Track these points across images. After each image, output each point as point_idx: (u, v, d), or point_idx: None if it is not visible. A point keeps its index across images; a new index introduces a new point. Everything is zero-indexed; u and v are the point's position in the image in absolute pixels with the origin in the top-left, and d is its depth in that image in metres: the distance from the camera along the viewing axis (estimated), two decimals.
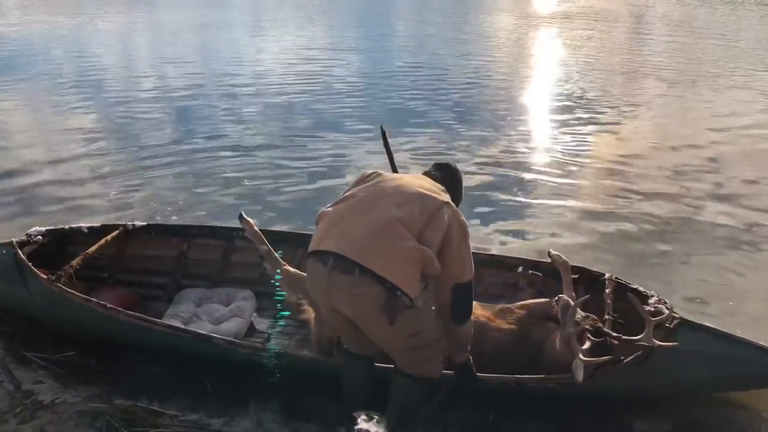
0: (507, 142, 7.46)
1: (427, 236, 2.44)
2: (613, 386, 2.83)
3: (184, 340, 3.05)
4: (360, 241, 2.41)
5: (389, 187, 2.56)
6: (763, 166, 6.66)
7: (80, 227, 3.77)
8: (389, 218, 2.43)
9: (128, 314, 3.10)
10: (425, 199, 2.51)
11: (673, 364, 2.82)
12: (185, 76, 11.08)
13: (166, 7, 24.13)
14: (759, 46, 15.56)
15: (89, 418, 2.87)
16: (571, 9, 24.32)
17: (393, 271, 2.38)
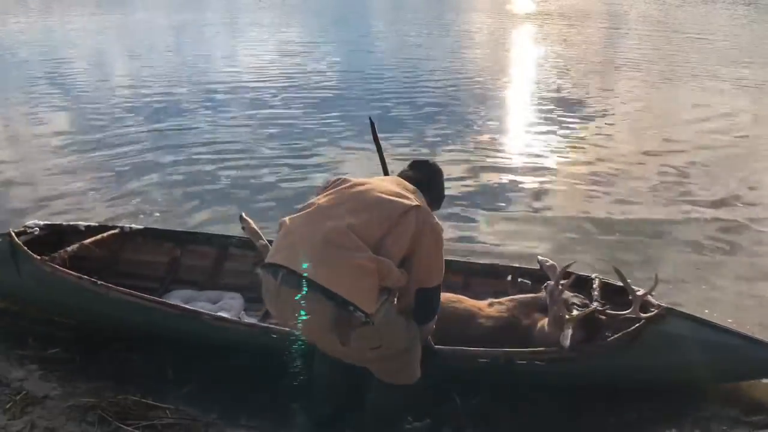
0: (484, 143, 7.53)
1: (388, 245, 2.28)
2: (602, 365, 2.80)
3: (171, 316, 3.03)
4: (309, 252, 2.24)
5: (348, 194, 2.41)
6: (740, 163, 6.84)
7: (77, 225, 3.83)
8: (340, 227, 2.26)
9: (117, 290, 3.11)
10: (385, 205, 2.34)
11: (662, 346, 2.84)
12: (168, 79, 11.15)
13: (140, 9, 24.44)
14: (733, 44, 15.98)
15: (80, 412, 2.81)
16: (549, 8, 24.90)
17: (343, 284, 2.19)
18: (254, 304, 3.66)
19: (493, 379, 2.90)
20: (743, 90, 10.90)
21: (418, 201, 2.42)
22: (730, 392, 3.06)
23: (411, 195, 2.44)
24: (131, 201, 5.52)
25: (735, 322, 3.51)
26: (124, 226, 3.93)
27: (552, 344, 2.81)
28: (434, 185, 2.67)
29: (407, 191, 2.46)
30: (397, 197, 2.37)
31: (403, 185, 2.51)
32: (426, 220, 2.37)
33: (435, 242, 2.40)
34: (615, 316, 2.80)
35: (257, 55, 14.28)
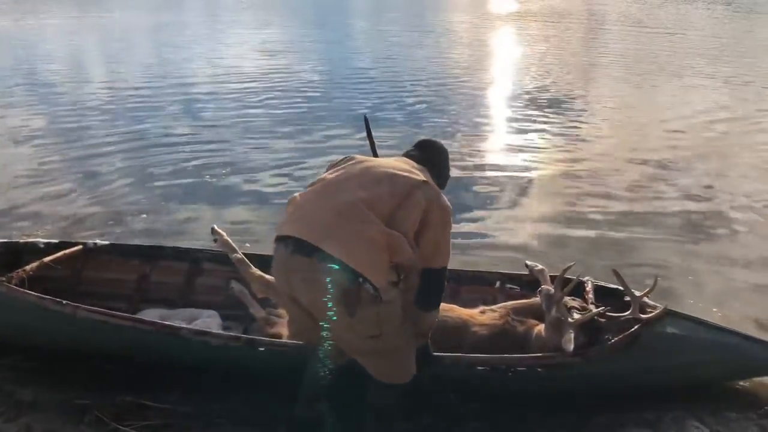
0: (466, 143, 7.51)
1: (399, 219, 2.26)
2: (602, 369, 2.73)
3: (148, 335, 2.81)
4: (320, 223, 2.25)
5: (357, 169, 2.42)
6: (718, 156, 7.01)
7: (36, 242, 3.55)
8: (353, 200, 2.26)
9: (86, 309, 2.87)
10: (396, 179, 2.34)
11: (662, 347, 2.80)
12: (141, 83, 10.86)
13: (118, 9, 23.80)
14: (711, 43, 16.37)
15: (77, 413, 2.77)
16: (530, 8, 25.17)
17: (355, 255, 2.17)
18: (232, 323, 3.49)
19: (492, 386, 2.78)
20: (720, 87, 11.20)
21: (426, 178, 2.41)
22: (730, 391, 3.04)
23: (419, 172, 2.43)
24: (96, 214, 5.21)
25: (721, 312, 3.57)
26: (88, 242, 3.66)
27: (551, 350, 2.73)
28: (440, 164, 2.64)
29: (415, 168, 2.45)
30: (407, 172, 2.38)
31: (410, 163, 2.50)
32: (435, 197, 2.36)
33: (443, 220, 2.37)
34: (615, 318, 2.72)
35: (238, 55, 14.07)
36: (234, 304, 3.53)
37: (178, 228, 4.95)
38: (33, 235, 3.85)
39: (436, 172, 2.56)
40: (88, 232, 4.64)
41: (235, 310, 3.51)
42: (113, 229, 4.87)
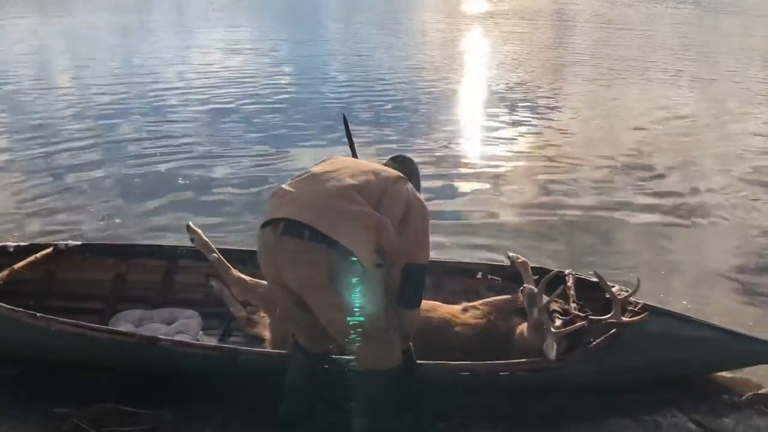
0: (440, 141, 7.50)
1: (385, 206, 2.33)
2: (585, 371, 2.75)
3: (126, 346, 2.76)
4: (312, 205, 2.30)
5: (344, 164, 2.49)
6: (686, 152, 7.10)
7: (5, 246, 3.44)
8: (343, 185, 2.33)
9: (60, 321, 2.79)
10: (381, 172, 2.46)
11: (643, 346, 2.81)
12: (108, 83, 10.60)
13: (85, 11, 23.10)
14: (679, 41, 16.45)
15: (56, 421, 2.72)
16: (502, 8, 24.94)
17: (344, 233, 2.23)
18: (212, 321, 3.45)
19: (476, 390, 2.79)
20: (687, 83, 11.27)
21: (404, 177, 2.52)
22: (708, 383, 3.09)
23: (399, 173, 2.53)
24: (67, 214, 5.09)
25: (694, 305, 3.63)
26: (59, 243, 3.55)
27: (533, 351, 2.73)
28: (413, 177, 2.70)
29: (393, 171, 2.55)
30: (389, 169, 2.53)
31: (389, 166, 2.64)
32: (414, 195, 2.46)
33: (422, 218, 2.44)
34: (597, 321, 2.72)
35: (209, 57, 13.64)
36: (214, 301, 3.49)
37: (152, 227, 4.84)
38: (2, 239, 3.71)
39: (411, 183, 2.59)
40: (58, 234, 4.52)
41: (216, 308, 3.48)
42: (84, 230, 4.75)
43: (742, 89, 10.87)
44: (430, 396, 2.74)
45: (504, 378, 2.69)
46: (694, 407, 2.91)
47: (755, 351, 3.00)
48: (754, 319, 3.74)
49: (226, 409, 2.82)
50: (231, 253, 3.41)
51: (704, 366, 3.04)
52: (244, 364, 2.75)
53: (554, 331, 2.60)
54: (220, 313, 3.46)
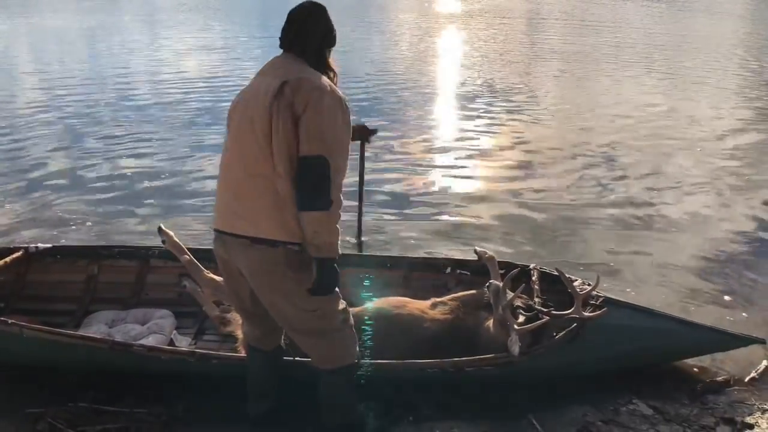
0: (413, 138, 7.61)
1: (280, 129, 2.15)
2: (548, 364, 2.85)
3: (100, 352, 2.79)
4: (226, 210, 2.31)
5: (234, 130, 2.31)
6: (654, 148, 7.29)
7: None
8: (239, 177, 2.26)
9: (32, 328, 2.81)
10: (258, 107, 2.20)
11: (603, 338, 2.91)
12: (77, 86, 10.52)
13: (51, 12, 22.64)
14: (649, 39, 16.73)
15: (30, 422, 2.74)
16: (474, 8, 24.98)
17: (262, 225, 2.20)
18: (185, 320, 3.50)
19: (443, 384, 2.89)
20: (658, 80, 11.44)
21: (293, 74, 2.22)
22: (666, 371, 3.22)
23: (283, 72, 2.24)
24: (36, 218, 5.08)
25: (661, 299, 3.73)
26: (29, 246, 3.56)
27: (499, 345, 2.82)
28: (310, 40, 2.34)
29: (279, 71, 2.26)
30: (264, 94, 2.20)
31: (276, 66, 2.32)
32: (305, 84, 2.19)
33: (319, 102, 2.17)
34: (560, 316, 2.82)
35: (179, 58, 13.47)
36: (187, 301, 3.52)
37: (124, 229, 4.86)
38: None
39: (311, 49, 2.34)
40: (28, 238, 4.53)
41: (189, 307, 3.51)
42: (54, 234, 4.74)
43: (712, 85, 11.10)
44: (398, 392, 2.83)
45: (470, 373, 2.77)
46: (653, 394, 3.04)
47: (711, 340, 3.15)
48: (717, 311, 3.89)
49: (200, 406, 2.86)
50: (203, 252, 3.44)
51: (663, 355, 3.17)
52: (217, 366, 2.80)
53: (517, 328, 2.69)
54: (194, 313, 3.50)
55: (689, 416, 2.91)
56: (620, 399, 3.00)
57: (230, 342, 3.18)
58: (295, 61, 2.31)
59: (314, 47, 2.35)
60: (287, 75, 2.22)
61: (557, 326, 2.87)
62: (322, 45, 2.37)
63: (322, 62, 2.36)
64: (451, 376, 2.78)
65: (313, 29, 2.36)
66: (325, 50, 2.38)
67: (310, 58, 2.34)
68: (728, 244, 4.90)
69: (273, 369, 2.68)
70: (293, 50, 2.34)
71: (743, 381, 3.18)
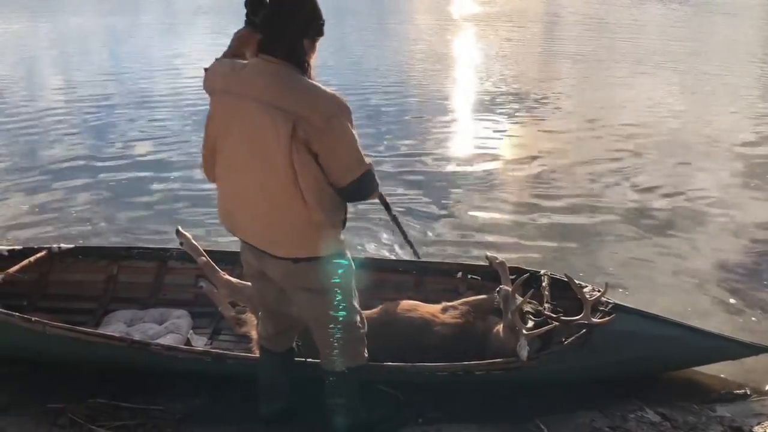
0: (430, 142, 7.60)
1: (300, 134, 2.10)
2: (556, 369, 2.88)
3: (119, 350, 2.87)
4: (257, 234, 2.33)
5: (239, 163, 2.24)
6: (674, 153, 7.21)
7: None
8: (262, 209, 2.25)
9: (54, 325, 2.90)
10: (274, 158, 2.13)
11: (612, 345, 2.94)
12: (96, 87, 10.61)
13: (73, 14, 22.59)
14: (669, 42, 16.31)
15: (50, 416, 2.81)
16: (491, 11, 24.65)
17: (295, 247, 2.28)
18: (202, 320, 3.57)
19: (452, 387, 2.93)
20: (679, 83, 11.28)
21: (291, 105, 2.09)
22: (675, 379, 3.24)
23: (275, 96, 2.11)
24: (59, 218, 5.20)
25: (672, 305, 3.75)
26: (52, 246, 3.65)
27: (508, 350, 2.86)
28: (286, 33, 2.14)
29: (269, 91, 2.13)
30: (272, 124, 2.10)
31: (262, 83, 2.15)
32: (311, 123, 2.09)
33: (336, 132, 2.13)
34: (568, 322, 2.86)
35: (197, 61, 13.23)
36: (204, 301, 3.59)
37: (143, 230, 4.95)
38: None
39: (296, 50, 2.16)
40: (51, 238, 4.63)
41: (205, 307, 3.58)
42: (77, 234, 4.85)
43: (732, 88, 10.93)
44: (406, 394, 2.88)
45: (479, 377, 2.82)
46: (661, 401, 3.05)
47: (721, 348, 3.15)
48: (729, 318, 3.89)
49: (215, 405, 2.93)
50: (219, 254, 3.54)
51: (671, 363, 3.18)
52: (233, 366, 2.87)
53: (526, 333, 2.74)
54: (210, 313, 3.57)
55: (697, 424, 2.92)
56: (628, 405, 3.02)
57: (245, 342, 3.24)
58: (280, 71, 2.14)
59: (300, 46, 2.17)
60: (289, 105, 2.10)
61: (566, 332, 2.90)
62: (308, 41, 2.19)
63: (309, 56, 2.20)
64: (460, 380, 2.83)
65: (294, 29, 2.15)
66: (311, 44, 2.20)
67: (298, 58, 2.17)
68: (742, 250, 4.87)
69: (284, 370, 2.75)
70: (276, 54, 2.15)
71: (753, 390, 3.18)
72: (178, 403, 2.94)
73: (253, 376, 2.79)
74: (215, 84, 2.29)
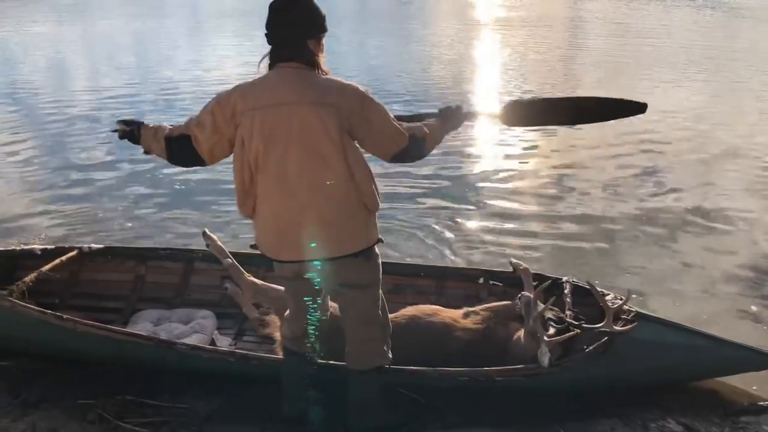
0: (453, 148, 7.55)
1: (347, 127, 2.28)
2: (577, 376, 2.88)
3: (146, 348, 2.95)
4: (296, 238, 2.35)
5: (289, 174, 2.29)
6: (700, 159, 7.14)
7: (33, 249, 3.66)
8: (323, 210, 2.32)
9: (85, 323, 3.00)
10: (326, 151, 2.26)
11: (633, 353, 2.93)
12: (124, 90, 10.84)
13: (103, 18, 23.20)
14: (698, 46, 16.24)
15: (80, 412, 2.90)
16: (514, 15, 24.57)
17: (338, 244, 2.36)
18: (226, 321, 3.64)
19: (474, 393, 2.94)
20: (705, 90, 11.13)
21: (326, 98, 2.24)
22: (697, 389, 3.20)
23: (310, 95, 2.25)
24: (90, 219, 5.34)
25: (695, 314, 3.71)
26: (83, 246, 3.77)
27: (529, 357, 2.87)
28: (291, 39, 2.30)
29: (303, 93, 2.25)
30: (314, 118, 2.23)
31: (295, 90, 2.27)
32: (346, 106, 2.26)
33: (368, 108, 2.30)
34: (590, 329, 2.86)
35: (222, 64, 13.66)
36: (228, 302, 3.65)
37: (170, 231, 5.05)
38: (30, 243, 3.95)
39: (307, 52, 2.31)
40: (81, 238, 4.76)
41: (230, 308, 3.64)
42: (106, 235, 4.96)
43: (759, 94, 10.79)
44: (428, 399, 2.90)
45: (500, 383, 2.83)
46: (683, 411, 3.02)
47: (744, 358, 3.10)
48: (753, 328, 3.84)
49: (240, 404, 2.98)
50: (244, 257, 3.57)
51: (694, 372, 3.15)
52: (256, 367, 2.93)
53: (547, 340, 2.75)
54: (234, 314, 3.63)
55: None
56: (649, 414, 3.00)
57: (269, 343, 3.29)
58: (305, 74, 2.29)
59: (309, 47, 2.31)
60: (328, 99, 2.24)
61: (588, 339, 2.90)
62: (315, 41, 2.33)
63: (320, 55, 2.35)
64: (481, 385, 2.84)
65: (300, 31, 2.30)
66: (319, 43, 2.35)
67: (311, 58, 2.32)
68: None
69: (306, 371, 2.78)
70: (293, 59, 2.29)
71: None
72: (202, 402, 3.00)
73: (277, 377, 2.84)
74: (246, 105, 2.30)
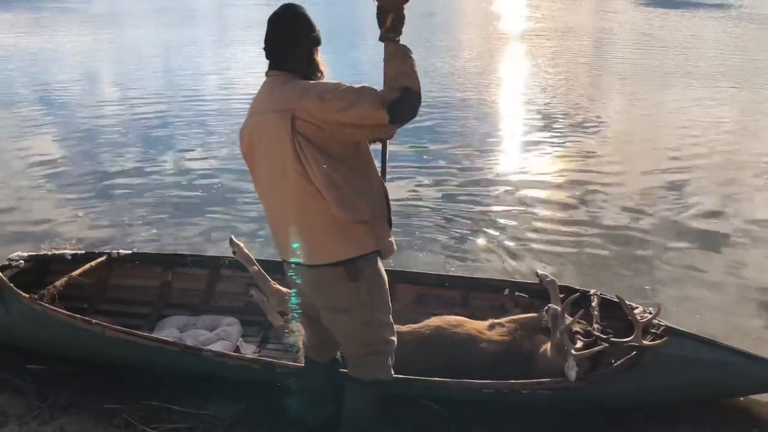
0: (478, 158, 7.56)
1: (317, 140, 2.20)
2: (605, 391, 2.83)
3: (171, 354, 2.97)
4: (284, 238, 2.39)
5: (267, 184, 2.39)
6: (726, 174, 6.98)
7: (63, 254, 3.73)
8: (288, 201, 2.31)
9: (112, 328, 3.04)
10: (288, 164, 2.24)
11: (663, 368, 2.87)
12: (154, 98, 10.98)
13: (130, 27, 23.54)
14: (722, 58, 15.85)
15: (107, 416, 2.95)
16: (537, 26, 24.54)
17: (319, 251, 2.32)
18: (251, 328, 3.66)
19: (498, 406, 2.91)
20: (731, 103, 10.91)
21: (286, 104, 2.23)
22: (730, 407, 3.12)
23: (276, 102, 2.27)
24: (118, 225, 5.43)
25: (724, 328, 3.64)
26: (112, 252, 3.83)
27: (555, 370, 2.83)
28: (292, 53, 2.34)
29: (272, 101, 2.29)
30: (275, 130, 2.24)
31: (268, 97, 2.33)
32: (287, 107, 2.22)
33: (316, 101, 2.19)
34: (618, 344, 2.81)
35: (248, 74, 13.48)
36: (253, 309, 3.67)
37: (197, 238, 5.11)
38: (61, 247, 4.03)
39: (293, 59, 2.34)
40: (110, 243, 4.86)
41: (255, 315, 3.66)
42: (133, 241, 5.03)
43: None
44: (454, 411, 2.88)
45: (525, 396, 2.80)
46: (714, 429, 2.96)
47: None
48: None
49: (263, 412, 2.98)
50: (270, 264, 3.59)
51: (725, 389, 3.07)
52: (281, 374, 2.93)
53: (574, 353, 2.71)
54: (259, 321, 3.65)
55: None
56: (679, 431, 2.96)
57: (293, 351, 3.30)
58: (279, 81, 2.32)
59: (296, 57, 2.34)
60: (283, 105, 2.24)
61: (616, 353, 2.85)
62: (303, 50, 2.35)
63: (312, 65, 2.37)
64: (507, 398, 2.81)
65: (286, 41, 2.34)
66: (308, 53, 2.36)
67: (298, 67, 2.33)
68: None
69: (329, 380, 2.78)
70: (278, 68, 2.35)
71: None
72: (227, 408, 3.02)
73: (300, 385, 2.84)
74: (248, 113, 2.43)
